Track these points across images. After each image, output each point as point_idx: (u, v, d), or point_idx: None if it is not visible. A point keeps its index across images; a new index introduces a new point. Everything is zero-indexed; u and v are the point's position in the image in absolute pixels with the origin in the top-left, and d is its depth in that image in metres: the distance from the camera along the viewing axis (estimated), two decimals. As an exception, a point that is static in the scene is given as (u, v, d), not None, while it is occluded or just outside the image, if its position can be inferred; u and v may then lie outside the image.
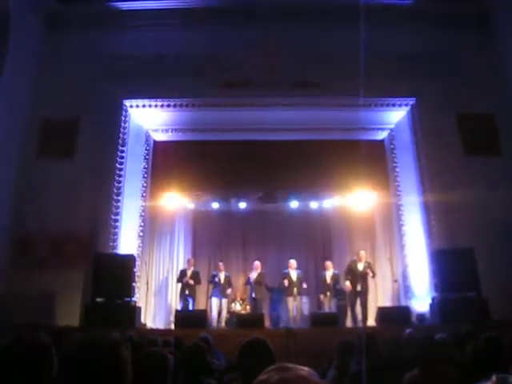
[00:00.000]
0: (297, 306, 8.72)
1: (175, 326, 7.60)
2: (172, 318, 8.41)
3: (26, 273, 7.76)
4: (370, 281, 8.90)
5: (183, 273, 9.11)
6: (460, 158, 8.62)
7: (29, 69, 8.78)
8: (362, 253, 8.86)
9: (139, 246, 8.78)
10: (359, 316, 8.51)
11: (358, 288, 8.53)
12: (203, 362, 2.76)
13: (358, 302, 8.56)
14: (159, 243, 9.87)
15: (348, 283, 8.60)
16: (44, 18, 9.17)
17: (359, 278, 8.57)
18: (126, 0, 9.21)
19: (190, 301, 8.89)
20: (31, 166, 8.53)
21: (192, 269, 9.12)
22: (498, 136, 8.77)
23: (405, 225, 8.96)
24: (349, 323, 8.71)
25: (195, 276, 9.01)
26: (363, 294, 8.54)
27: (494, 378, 1.98)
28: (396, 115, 9.33)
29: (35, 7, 8.83)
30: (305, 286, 8.85)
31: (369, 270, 8.56)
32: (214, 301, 9.07)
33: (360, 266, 8.64)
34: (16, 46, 8.09)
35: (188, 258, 9.62)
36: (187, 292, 8.87)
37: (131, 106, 9.05)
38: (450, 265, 7.47)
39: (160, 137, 9.70)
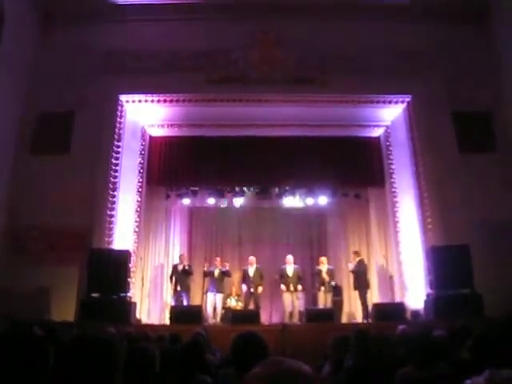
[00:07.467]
0: (293, 302, 8.73)
1: (170, 321, 7.60)
2: (167, 314, 8.41)
3: (22, 268, 7.72)
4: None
5: (175, 268, 9.12)
6: (455, 156, 8.62)
7: (23, 64, 8.70)
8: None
9: (135, 242, 8.76)
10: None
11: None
12: (199, 358, 2.76)
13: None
14: (155, 239, 9.85)
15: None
16: (39, 13, 9.07)
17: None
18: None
19: (184, 296, 8.89)
20: (26, 161, 8.45)
21: (184, 264, 9.12)
22: (493, 134, 8.79)
23: (400, 222, 8.97)
24: (344, 319, 8.74)
25: (187, 271, 9.03)
26: (364, 291, 8.63)
27: (486, 372, 2.00)
28: (392, 112, 9.32)
29: (30, 2, 8.75)
30: (300, 287, 8.94)
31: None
32: (210, 296, 9.08)
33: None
34: (10, 41, 8.00)
35: (180, 254, 9.62)
36: (179, 288, 8.87)
37: (127, 102, 8.98)
38: (444, 261, 7.49)
39: (156, 132, 9.65)
